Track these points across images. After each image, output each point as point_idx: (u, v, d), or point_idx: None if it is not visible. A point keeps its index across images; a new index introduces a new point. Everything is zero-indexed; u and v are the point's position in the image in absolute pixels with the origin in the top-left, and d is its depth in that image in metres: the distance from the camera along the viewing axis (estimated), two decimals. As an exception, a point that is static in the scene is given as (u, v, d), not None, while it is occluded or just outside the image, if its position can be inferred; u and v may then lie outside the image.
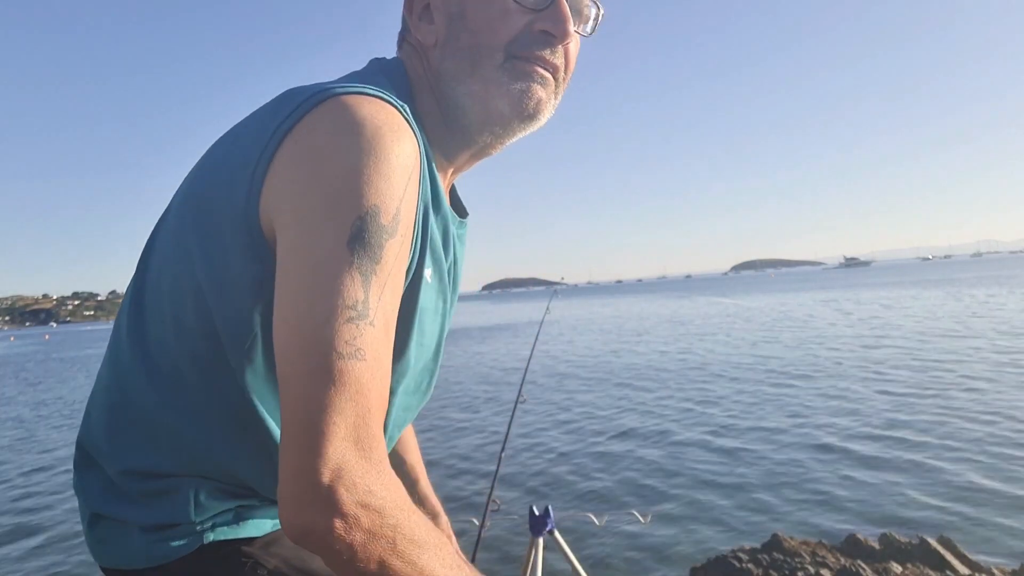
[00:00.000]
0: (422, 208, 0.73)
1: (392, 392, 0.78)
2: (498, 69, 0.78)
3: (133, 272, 0.83)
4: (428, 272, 0.76)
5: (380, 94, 0.69)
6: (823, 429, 7.17)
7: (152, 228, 0.84)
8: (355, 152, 0.63)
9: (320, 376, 0.58)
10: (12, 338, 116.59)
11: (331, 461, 0.57)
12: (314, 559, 0.75)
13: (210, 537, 0.71)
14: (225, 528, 0.73)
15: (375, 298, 0.62)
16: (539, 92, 0.80)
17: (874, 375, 10.21)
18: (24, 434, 10.96)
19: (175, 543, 0.71)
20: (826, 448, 6.43)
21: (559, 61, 0.81)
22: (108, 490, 0.76)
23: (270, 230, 0.67)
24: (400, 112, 0.69)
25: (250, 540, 0.74)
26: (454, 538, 1.20)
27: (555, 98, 0.83)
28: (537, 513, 2.28)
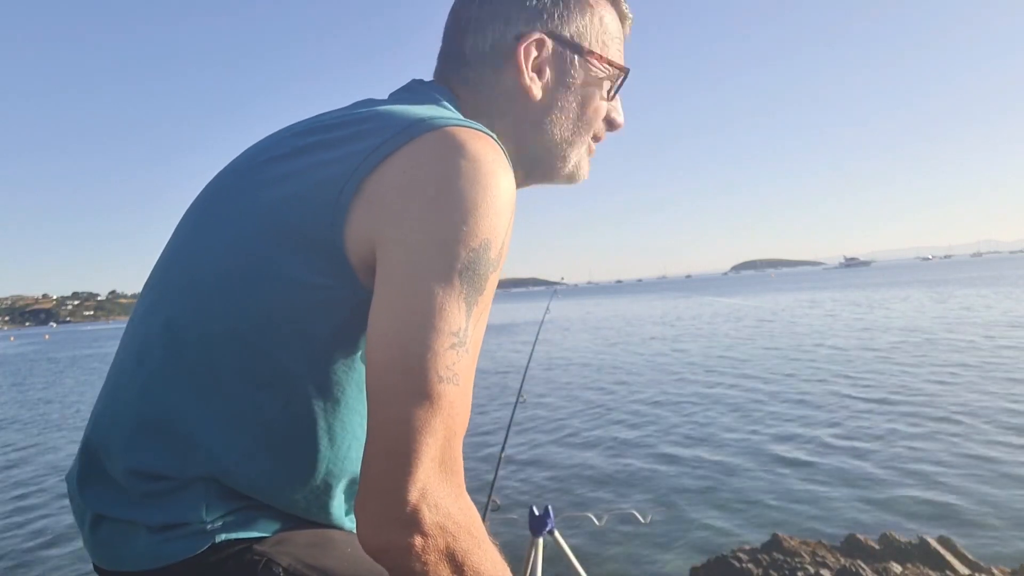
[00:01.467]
0: None
1: None
2: (584, 146, 0.92)
3: (158, 271, 0.80)
4: None
5: (484, 129, 0.72)
6: (823, 430, 7.17)
7: (181, 227, 0.82)
8: (474, 187, 0.65)
9: (420, 397, 0.61)
10: (12, 338, 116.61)
11: (419, 480, 0.60)
12: (327, 556, 0.75)
13: (222, 536, 0.70)
14: (236, 526, 0.72)
15: (472, 326, 0.65)
16: (588, 164, 0.95)
17: (868, 377, 10.22)
18: (22, 434, 10.96)
19: (185, 542, 0.70)
20: (826, 449, 6.44)
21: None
22: (113, 491, 0.74)
23: (359, 250, 0.68)
24: (502, 148, 0.72)
25: (261, 539, 0.73)
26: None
27: None
28: (537, 513, 2.28)
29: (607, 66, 0.89)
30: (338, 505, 0.79)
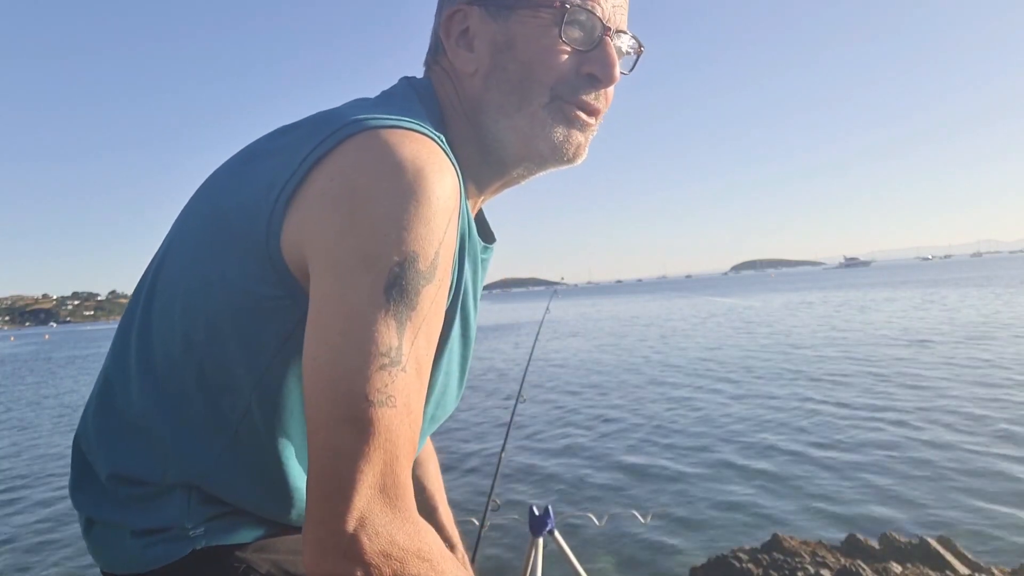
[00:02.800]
0: (458, 243, 0.72)
1: None
2: (543, 108, 0.78)
3: (144, 276, 0.81)
4: (459, 304, 0.76)
5: (418, 127, 0.67)
6: (822, 430, 7.17)
7: (167, 233, 0.82)
8: (396, 196, 0.61)
9: (350, 424, 0.58)
10: (12, 338, 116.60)
11: (356, 509, 0.58)
12: None
13: (202, 542, 0.71)
14: (217, 533, 0.72)
15: (408, 344, 0.61)
16: (579, 138, 0.81)
17: (866, 378, 10.22)
18: (20, 435, 10.96)
19: (167, 548, 0.70)
20: (826, 449, 6.44)
21: (601, 105, 0.82)
22: (101, 495, 0.75)
23: (295, 260, 0.66)
24: (439, 146, 0.68)
25: (242, 545, 0.73)
26: (469, 566, 1.19)
27: (592, 136, 0.84)
28: (537, 513, 2.28)
29: (542, 9, 0.76)
30: None
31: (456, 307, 0.75)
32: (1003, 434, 6.47)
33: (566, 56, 0.77)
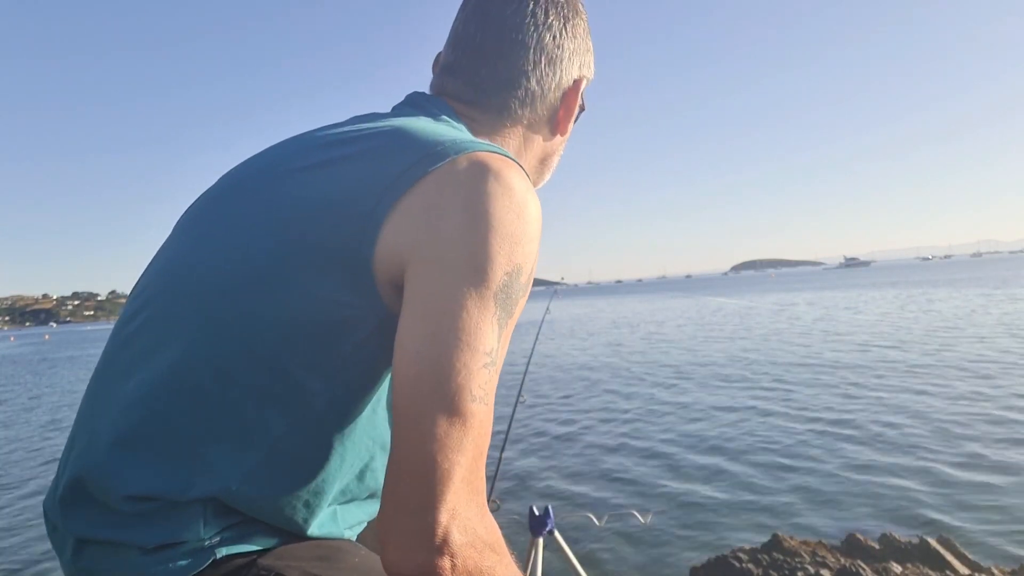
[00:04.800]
0: None
1: None
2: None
3: (149, 278, 0.78)
4: None
5: (511, 155, 0.74)
6: (822, 429, 7.17)
7: (180, 234, 0.80)
8: (510, 213, 0.67)
9: (453, 416, 0.61)
10: (12, 338, 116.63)
11: (449, 501, 0.60)
12: (336, 568, 0.73)
13: (222, 552, 0.67)
14: (236, 541, 0.69)
15: (502, 348, 0.67)
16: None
17: (865, 378, 10.22)
18: (18, 434, 10.95)
19: (182, 562, 0.66)
20: (826, 448, 6.43)
21: None
22: (101, 513, 0.69)
23: (388, 267, 0.67)
24: (527, 175, 0.74)
25: (262, 552, 0.71)
26: None
27: None
28: (537, 513, 2.28)
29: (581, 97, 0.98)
30: (337, 521, 0.78)
31: None
32: (1002, 432, 6.48)
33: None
